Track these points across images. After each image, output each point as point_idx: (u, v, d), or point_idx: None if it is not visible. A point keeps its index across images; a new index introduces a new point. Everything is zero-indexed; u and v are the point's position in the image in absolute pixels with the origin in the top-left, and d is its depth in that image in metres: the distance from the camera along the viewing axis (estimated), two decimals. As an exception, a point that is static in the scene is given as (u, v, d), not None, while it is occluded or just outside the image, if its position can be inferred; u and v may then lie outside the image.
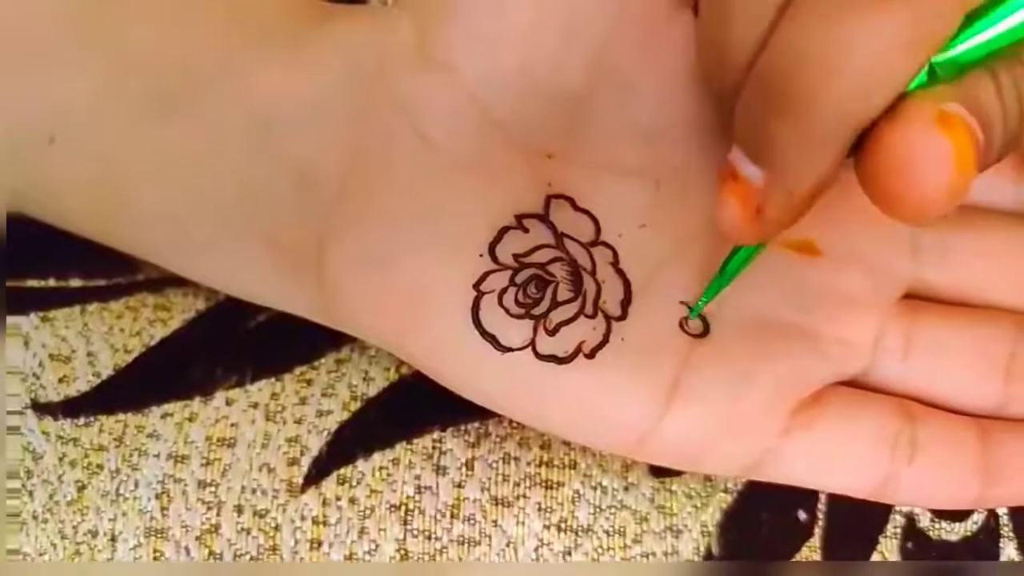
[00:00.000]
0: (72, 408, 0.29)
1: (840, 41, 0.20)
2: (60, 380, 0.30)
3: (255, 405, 0.29)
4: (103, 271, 0.31)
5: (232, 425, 0.29)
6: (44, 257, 0.31)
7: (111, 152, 0.27)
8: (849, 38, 0.20)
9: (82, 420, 0.29)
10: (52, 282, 0.31)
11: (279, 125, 0.26)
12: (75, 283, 0.31)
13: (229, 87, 0.27)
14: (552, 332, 0.25)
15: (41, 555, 0.28)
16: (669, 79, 0.26)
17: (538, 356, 0.25)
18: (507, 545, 0.28)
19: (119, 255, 0.30)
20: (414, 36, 0.26)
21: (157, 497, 0.28)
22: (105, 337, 0.30)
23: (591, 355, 0.25)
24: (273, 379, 0.30)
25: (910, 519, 0.29)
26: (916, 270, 0.27)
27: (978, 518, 0.29)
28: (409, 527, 0.28)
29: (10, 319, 0.30)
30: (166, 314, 0.30)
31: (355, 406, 0.29)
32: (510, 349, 0.25)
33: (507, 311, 0.25)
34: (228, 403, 0.29)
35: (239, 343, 0.30)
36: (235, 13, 0.27)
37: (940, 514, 0.29)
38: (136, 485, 0.28)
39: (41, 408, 0.29)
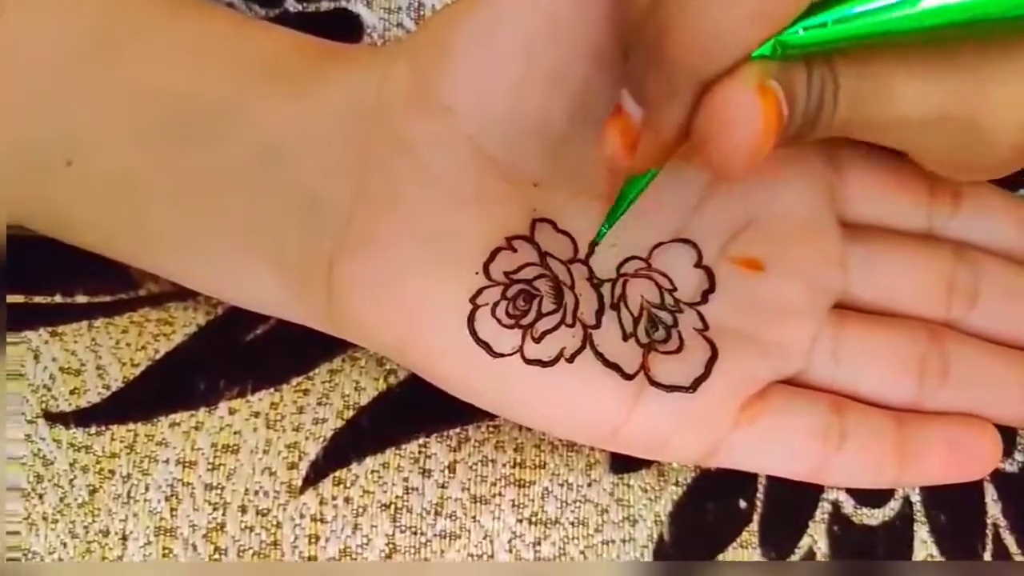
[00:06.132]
0: (84, 418, 0.31)
1: (700, 10, 0.23)
2: (72, 392, 0.31)
3: (256, 414, 0.31)
4: (106, 287, 0.32)
5: (236, 433, 0.31)
6: (49, 274, 0.32)
7: (125, 175, 0.29)
8: (707, 8, 0.23)
9: (94, 429, 0.31)
10: (58, 298, 0.32)
11: (286, 154, 0.28)
12: (80, 299, 0.32)
13: (237, 118, 0.28)
14: (538, 340, 0.28)
15: (51, 554, 0.30)
16: None
17: (526, 361, 0.28)
18: (484, 538, 0.31)
19: (121, 272, 0.32)
20: (411, 79, 0.28)
21: (167, 499, 0.30)
22: (113, 351, 0.32)
23: (571, 359, 0.28)
24: (272, 389, 0.32)
25: (836, 506, 0.32)
26: (845, 284, 0.30)
27: (895, 505, 0.32)
28: (398, 523, 0.31)
29: (21, 334, 0.32)
30: (169, 328, 0.32)
31: (348, 414, 0.32)
32: (501, 355, 0.28)
33: (499, 322, 0.28)
34: (231, 412, 0.31)
35: (239, 356, 0.32)
36: (242, 51, 0.29)
37: (862, 501, 0.32)
38: (147, 488, 0.30)
39: (53, 417, 0.31)
